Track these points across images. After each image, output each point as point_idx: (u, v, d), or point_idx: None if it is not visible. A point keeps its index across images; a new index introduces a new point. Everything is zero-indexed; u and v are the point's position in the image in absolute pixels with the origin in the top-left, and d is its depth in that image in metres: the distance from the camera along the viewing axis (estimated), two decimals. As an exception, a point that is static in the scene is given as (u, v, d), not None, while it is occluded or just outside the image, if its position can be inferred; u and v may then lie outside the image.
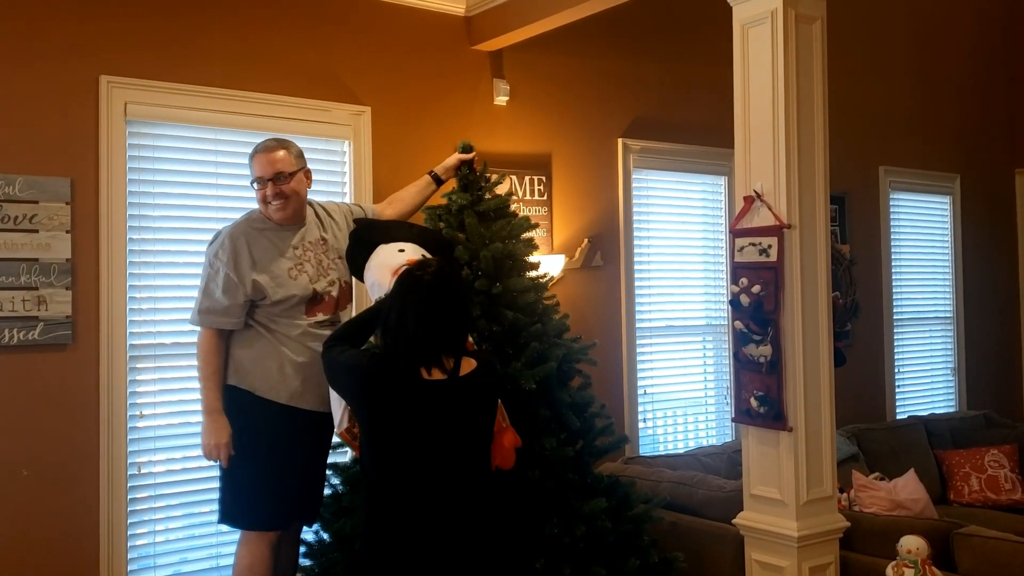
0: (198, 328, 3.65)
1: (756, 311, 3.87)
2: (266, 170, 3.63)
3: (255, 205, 3.75)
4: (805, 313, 3.84)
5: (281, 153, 3.66)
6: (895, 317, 7.66)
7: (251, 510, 3.59)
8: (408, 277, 3.04)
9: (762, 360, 3.86)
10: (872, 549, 4.02)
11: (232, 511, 3.63)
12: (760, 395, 3.86)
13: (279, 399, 3.56)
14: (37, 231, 4.17)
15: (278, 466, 3.57)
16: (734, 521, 4.03)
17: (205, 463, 4.52)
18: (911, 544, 3.68)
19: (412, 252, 3.56)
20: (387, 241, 3.67)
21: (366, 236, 3.78)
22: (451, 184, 4.16)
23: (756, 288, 3.86)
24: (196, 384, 4.44)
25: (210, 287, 3.57)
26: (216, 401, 3.60)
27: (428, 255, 3.57)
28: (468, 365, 3.03)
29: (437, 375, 2.96)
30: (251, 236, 3.62)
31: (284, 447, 3.58)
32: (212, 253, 3.62)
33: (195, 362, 4.47)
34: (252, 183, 3.66)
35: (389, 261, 3.52)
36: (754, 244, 3.89)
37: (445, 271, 3.08)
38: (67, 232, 4.24)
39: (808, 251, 3.87)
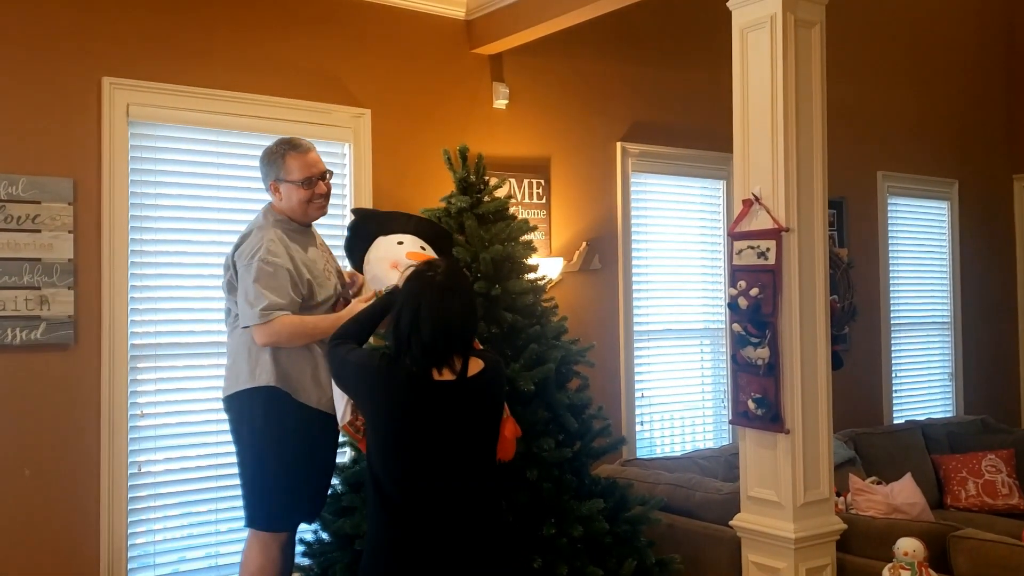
0: (256, 325, 3.43)
1: (754, 314, 3.89)
2: (319, 165, 3.63)
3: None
4: (803, 316, 3.86)
5: (316, 151, 3.68)
6: (893, 322, 7.68)
7: (279, 512, 3.57)
8: (420, 279, 3.01)
9: (760, 363, 3.88)
10: (869, 551, 4.03)
11: (262, 513, 3.57)
12: (758, 397, 3.88)
13: (310, 402, 3.53)
14: (40, 231, 4.19)
15: (307, 468, 3.55)
16: (731, 523, 4.05)
17: (205, 463, 4.60)
18: (908, 546, 3.69)
19: (411, 244, 3.53)
20: (385, 233, 3.64)
21: (364, 227, 3.75)
22: (450, 187, 4.17)
23: (754, 291, 3.88)
24: (196, 384, 4.56)
25: (271, 285, 3.42)
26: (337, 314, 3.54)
27: (426, 246, 3.57)
28: (476, 365, 3.02)
29: (447, 375, 2.95)
30: (286, 235, 3.56)
31: (314, 450, 3.57)
32: (260, 252, 3.45)
33: (197, 362, 4.58)
34: (300, 183, 3.56)
35: (389, 254, 3.51)
36: (752, 247, 3.91)
37: (455, 271, 3.09)
38: (69, 232, 4.26)
39: (806, 254, 3.89)
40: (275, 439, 3.51)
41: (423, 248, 3.54)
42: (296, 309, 3.48)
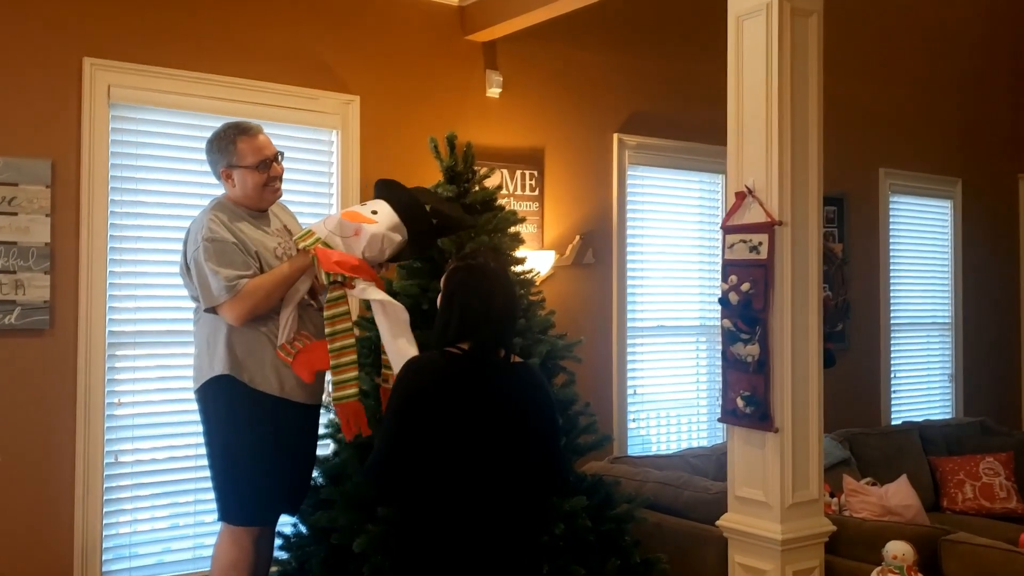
0: (225, 302, 3.34)
1: (745, 309, 3.79)
2: (270, 147, 3.55)
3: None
4: (795, 312, 3.76)
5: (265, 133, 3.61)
6: (892, 321, 7.60)
7: (251, 505, 3.49)
8: (481, 270, 3.02)
9: (749, 359, 3.78)
10: (858, 554, 3.94)
11: (234, 506, 3.50)
12: (747, 395, 3.78)
13: (272, 391, 3.44)
14: (16, 214, 4.11)
15: (276, 459, 3.46)
16: (718, 523, 3.95)
17: (183, 453, 4.54)
18: (897, 550, 3.62)
19: (382, 217, 3.45)
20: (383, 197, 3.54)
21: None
22: (436, 176, 4.10)
23: (745, 286, 3.78)
24: (176, 372, 4.50)
25: (223, 260, 3.35)
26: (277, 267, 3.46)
27: (388, 217, 3.47)
28: (515, 358, 3.08)
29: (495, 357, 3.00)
30: (231, 217, 3.48)
31: (281, 440, 3.47)
32: (203, 232, 3.38)
33: (177, 350, 4.51)
34: (255, 167, 3.48)
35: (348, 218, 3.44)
36: (745, 241, 3.82)
37: (502, 261, 3.25)
38: (46, 216, 4.18)
39: (799, 249, 3.79)
40: (238, 430, 3.44)
41: (374, 213, 3.45)
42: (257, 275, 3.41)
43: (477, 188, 4.07)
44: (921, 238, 7.92)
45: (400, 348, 3.31)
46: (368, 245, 3.39)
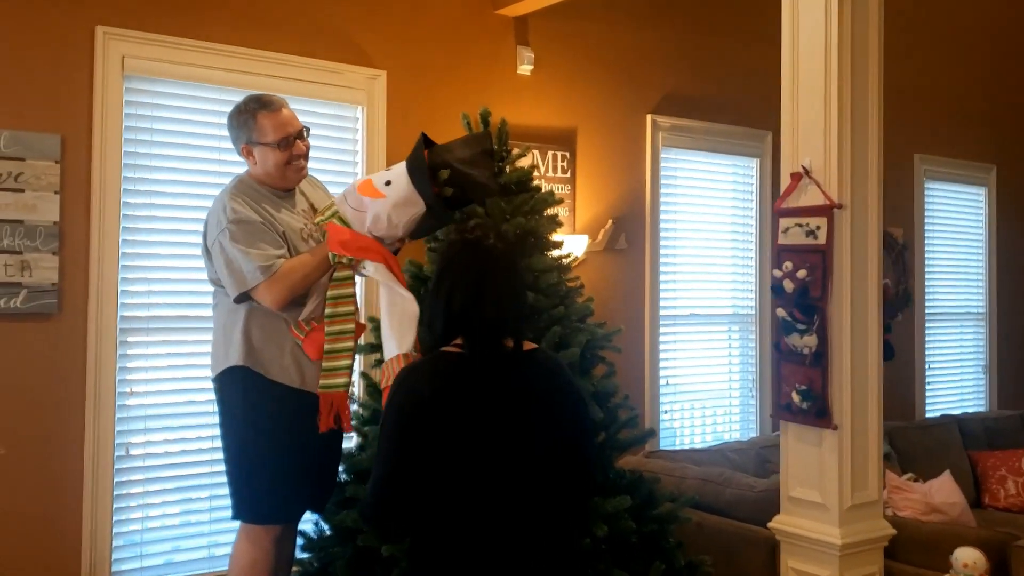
0: (261, 284, 3.16)
1: (801, 298, 3.57)
2: (294, 123, 3.36)
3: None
4: (854, 301, 3.55)
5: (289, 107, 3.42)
6: (927, 311, 7.41)
7: (268, 502, 3.31)
8: (477, 248, 2.63)
9: (806, 351, 3.55)
10: (916, 559, 3.77)
11: (249, 504, 3.32)
12: (803, 389, 3.55)
13: (292, 383, 3.27)
14: (23, 191, 3.91)
15: (294, 454, 3.28)
16: (770, 525, 3.73)
17: (199, 446, 4.36)
18: (968, 557, 3.40)
19: (393, 190, 3.20)
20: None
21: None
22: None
23: (802, 273, 3.56)
24: (192, 360, 4.32)
25: (253, 240, 3.17)
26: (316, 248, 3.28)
27: (400, 190, 3.20)
28: (528, 345, 2.70)
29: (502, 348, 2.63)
30: (252, 196, 3.30)
31: (299, 434, 3.28)
32: (227, 214, 3.20)
33: (193, 337, 4.34)
34: (276, 144, 3.29)
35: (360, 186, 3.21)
36: (801, 225, 3.59)
37: (510, 239, 2.81)
38: (55, 193, 3.97)
39: (859, 233, 3.58)
40: (254, 423, 3.26)
41: (387, 184, 3.18)
42: (288, 256, 3.24)
43: (511, 168, 3.85)
44: (955, 225, 7.77)
45: (386, 343, 3.12)
46: (373, 223, 3.18)
